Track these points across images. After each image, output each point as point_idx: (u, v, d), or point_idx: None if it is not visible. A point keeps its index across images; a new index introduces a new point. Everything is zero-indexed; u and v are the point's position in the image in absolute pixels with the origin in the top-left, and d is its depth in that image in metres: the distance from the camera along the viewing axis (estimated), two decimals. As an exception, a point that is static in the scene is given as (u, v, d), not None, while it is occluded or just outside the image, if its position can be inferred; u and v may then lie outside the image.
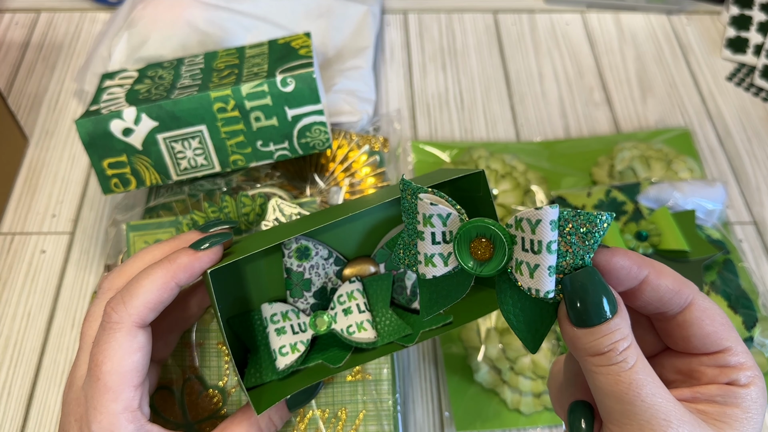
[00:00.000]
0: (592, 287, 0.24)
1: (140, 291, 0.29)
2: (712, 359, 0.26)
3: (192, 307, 0.36)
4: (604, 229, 0.23)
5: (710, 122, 0.62)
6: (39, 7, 0.69)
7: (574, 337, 0.24)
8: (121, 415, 0.28)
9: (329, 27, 0.63)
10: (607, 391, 0.23)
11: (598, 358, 0.24)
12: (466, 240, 0.26)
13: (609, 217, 0.24)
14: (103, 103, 0.46)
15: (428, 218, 0.26)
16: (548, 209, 0.23)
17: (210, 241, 0.31)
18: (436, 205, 0.26)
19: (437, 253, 0.26)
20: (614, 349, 0.23)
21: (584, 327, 0.24)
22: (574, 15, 0.71)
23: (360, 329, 0.33)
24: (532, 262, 0.24)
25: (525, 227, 0.24)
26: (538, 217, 0.24)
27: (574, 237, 0.24)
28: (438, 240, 0.26)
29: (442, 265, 0.26)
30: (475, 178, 0.30)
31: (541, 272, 0.24)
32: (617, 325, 0.24)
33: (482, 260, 0.26)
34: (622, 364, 0.23)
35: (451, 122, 0.62)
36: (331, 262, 0.34)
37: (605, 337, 0.24)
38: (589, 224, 0.23)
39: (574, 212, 0.24)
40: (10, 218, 0.54)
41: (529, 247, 0.24)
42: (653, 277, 0.25)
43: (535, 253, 0.24)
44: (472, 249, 0.26)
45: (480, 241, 0.25)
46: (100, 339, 0.29)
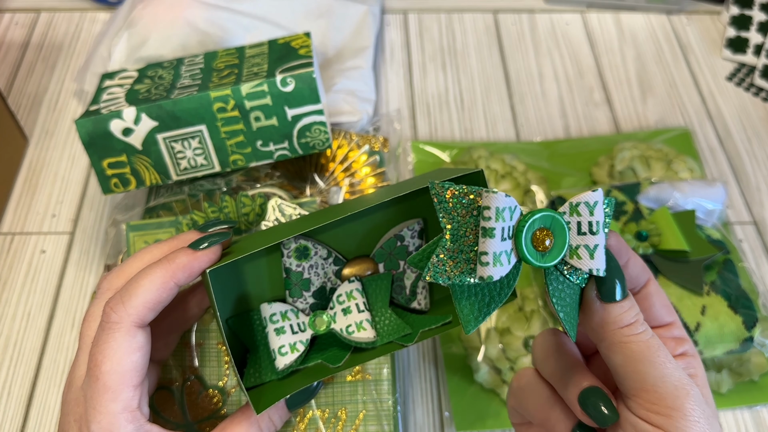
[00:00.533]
0: (615, 266, 0.27)
1: (139, 291, 0.29)
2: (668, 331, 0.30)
3: (192, 307, 0.36)
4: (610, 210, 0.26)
5: (710, 122, 0.62)
6: (39, 7, 0.69)
7: (605, 314, 0.27)
8: (120, 415, 0.28)
9: (329, 27, 0.63)
10: (639, 357, 0.26)
11: (628, 328, 0.27)
12: (529, 232, 0.25)
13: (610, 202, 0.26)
14: (103, 103, 0.46)
15: (500, 211, 0.24)
16: (600, 191, 0.25)
17: (209, 240, 0.31)
18: (509, 197, 0.25)
19: (505, 250, 0.25)
20: (639, 320, 0.27)
21: (613, 301, 0.27)
22: (574, 15, 0.71)
23: (359, 329, 0.33)
24: (591, 243, 0.26)
25: (582, 210, 0.26)
26: (596, 199, 0.25)
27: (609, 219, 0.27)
28: (506, 236, 0.25)
29: (507, 264, 0.25)
30: (475, 178, 0.30)
31: (600, 251, 0.26)
32: (633, 300, 0.27)
33: (544, 251, 0.26)
34: (645, 333, 0.27)
35: (451, 122, 0.62)
36: (330, 261, 0.34)
37: (631, 309, 0.27)
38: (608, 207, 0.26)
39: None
40: (10, 218, 0.54)
41: (587, 229, 0.26)
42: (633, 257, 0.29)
43: (593, 234, 0.25)
44: (534, 241, 0.26)
45: (541, 232, 0.26)
46: (99, 339, 0.29)
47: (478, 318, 0.26)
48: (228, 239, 0.32)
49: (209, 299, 0.29)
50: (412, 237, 0.35)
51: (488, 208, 0.25)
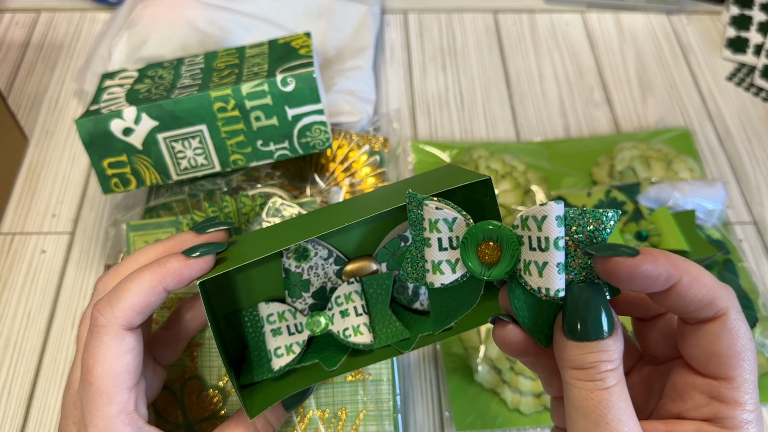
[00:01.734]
0: (594, 304, 0.24)
1: (127, 294, 0.29)
2: (707, 384, 0.24)
3: (202, 314, 0.36)
4: (611, 226, 0.23)
5: (710, 122, 0.62)
6: (39, 7, 0.69)
7: (563, 346, 0.24)
8: (116, 418, 0.28)
9: (329, 27, 0.63)
10: (577, 405, 0.23)
11: (578, 371, 0.23)
12: (473, 244, 0.25)
13: (615, 215, 0.23)
14: (103, 103, 0.46)
15: (434, 223, 0.26)
16: (553, 205, 0.23)
17: (201, 250, 0.30)
18: (441, 209, 0.25)
19: (444, 259, 0.26)
20: (596, 367, 0.23)
21: (576, 339, 0.24)
22: (574, 15, 0.71)
23: (356, 333, 0.33)
24: (540, 261, 0.24)
25: (531, 225, 0.24)
26: (544, 213, 0.23)
27: (581, 235, 0.24)
28: (445, 246, 0.26)
29: (450, 272, 0.26)
30: (483, 183, 0.30)
31: (550, 270, 0.24)
32: (607, 347, 0.23)
33: (490, 264, 0.25)
34: (599, 382, 0.23)
35: (451, 122, 0.62)
36: (330, 261, 0.34)
37: (591, 354, 0.23)
38: (596, 221, 0.23)
39: (580, 210, 0.23)
40: (10, 218, 0.54)
41: (537, 245, 0.24)
42: (685, 284, 0.23)
43: (542, 250, 0.24)
44: (479, 253, 0.25)
45: (487, 244, 0.25)
46: (89, 343, 0.28)
47: (444, 320, 0.27)
48: (223, 249, 0.31)
49: (204, 306, 0.29)
50: None
51: (423, 221, 0.26)
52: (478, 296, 0.27)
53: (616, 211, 0.23)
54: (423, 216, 0.26)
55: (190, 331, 0.36)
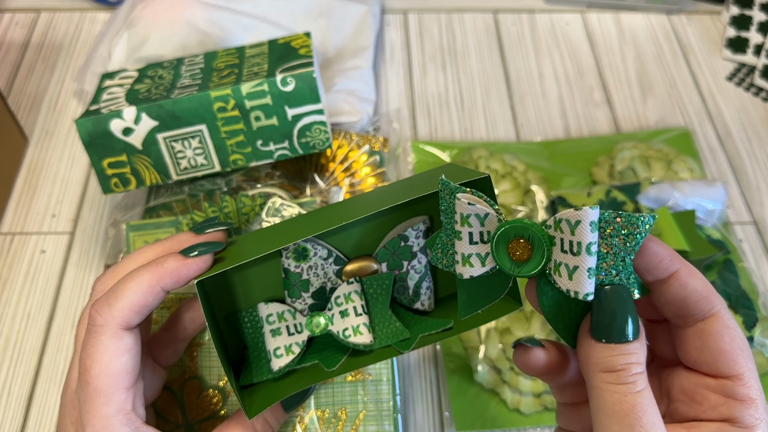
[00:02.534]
0: (623, 306, 0.24)
1: (125, 294, 0.29)
2: (720, 384, 0.24)
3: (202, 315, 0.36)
4: (646, 230, 0.23)
5: (710, 122, 0.62)
6: (39, 7, 0.69)
7: (590, 349, 0.24)
8: (114, 418, 0.28)
9: (329, 27, 0.63)
10: (609, 409, 0.23)
11: (609, 374, 0.23)
12: (503, 240, 0.25)
13: (651, 219, 0.23)
14: (103, 103, 0.46)
15: (466, 218, 0.26)
16: (588, 210, 0.23)
17: (199, 249, 0.30)
18: (474, 205, 0.25)
19: (475, 253, 0.26)
20: (627, 369, 0.23)
21: (604, 341, 0.24)
22: (574, 15, 0.71)
23: (356, 333, 0.33)
24: (571, 264, 0.24)
25: (564, 228, 0.24)
26: (578, 218, 0.23)
27: (615, 239, 0.24)
28: (476, 240, 0.26)
29: (480, 266, 0.26)
30: (482, 182, 0.30)
31: (580, 274, 0.24)
32: (636, 349, 0.23)
33: (520, 261, 0.25)
34: (630, 385, 0.23)
35: (451, 122, 0.62)
36: (330, 261, 0.34)
37: (622, 356, 0.23)
38: (631, 226, 0.23)
39: (616, 213, 0.23)
40: (10, 218, 0.54)
41: (569, 248, 0.24)
42: (684, 274, 0.24)
43: (574, 254, 0.24)
44: (510, 250, 0.25)
45: (518, 242, 0.25)
46: (86, 343, 0.28)
47: (470, 307, 0.28)
48: (221, 249, 0.31)
49: (202, 306, 0.29)
50: (416, 237, 0.35)
51: (455, 213, 0.26)
52: (506, 289, 0.27)
53: (652, 215, 0.23)
54: (455, 208, 0.26)
55: (189, 332, 0.36)
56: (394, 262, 0.35)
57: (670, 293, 0.25)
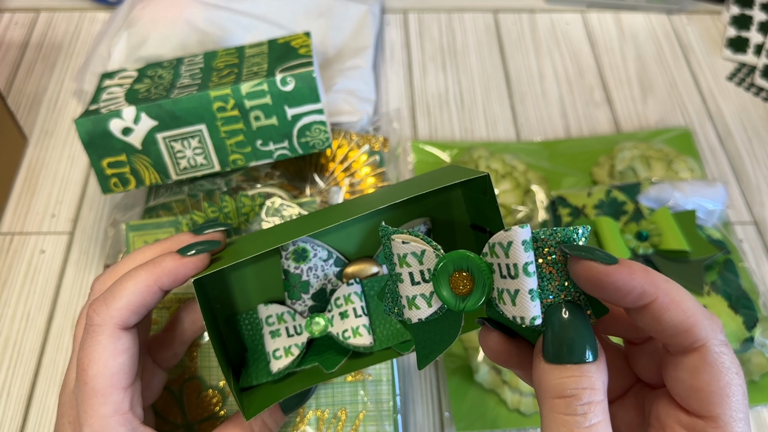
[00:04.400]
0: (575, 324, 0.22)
1: (123, 293, 0.29)
2: (692, 422, 0.22)
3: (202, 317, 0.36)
4: (584, 242, 0.23)
5: (711, 122, 0.62)
6: (38, 6, 0.69)
7: (542, 372, 0.22)
8: (111, 418, 0.28)
9: (329, 26, 0.62)
10: None
11: (558, 402, 0.21)
12: (444, 276, 0.24)
13: (585, 230, 0.22)
14: (102, 103, 0.46)
15: (403, 258, 0.25)
16: (517, 229, 0.22)
17: (196, 248, 0.30)
18: (408, 243, 0.25)
19: (419, 294, 0.25)
20: (577, 396, 0.21)
21: (556, 363, 0.22)
22: (575, 15, 0.71)
23: (356, 334, 0.33)
24: (512, 288, 0.23)
25: (498, 252, 0.23)
26: (509, 239, 0.22)
27: (555, 256, 0.23)
28: (417, 280, 0.25)
29: (426, 306, 0.25)
30: (482, 181, 0.30)
31: (522, 298, 0.22)
32: (589, 372, 0.21)
33: (464, 294, 0.24)
34: (579, 418, 0.21)
35: (451, 122, 0.62)
36: (330, 263, 0.34)
37: (573, 379, 0.21)
38: (567, 240, 0.22)
39: (550, 231, 0.23)
40: (10, 218, 0.54)
41: (507, 272, 0.23)
42: (659, 306, 0.21)
43: (512, 278, 0.23)
44: (452, 284, 0.24)
45: (460, 275, 0.24)
46: (84, 343, 0.28)
47: (429, 356, 0.26)
48: (219, 247, 0.31)
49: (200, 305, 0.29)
50: None
51: (390, 249, 0.25)
52: (459, 328, 0.26)
53: (585, 226, 0.23)
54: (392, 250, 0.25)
55: (190, 334, 0.36)
56: None
57: (642, 323, 0.22)
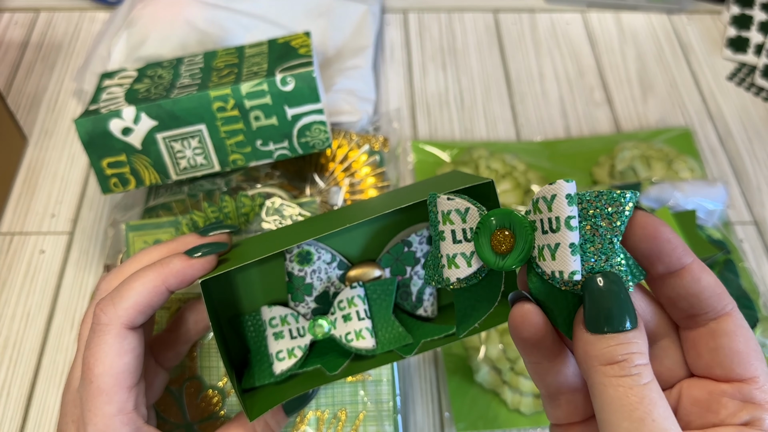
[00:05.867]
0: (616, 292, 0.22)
1: (130, 293, 0.29)
2: (736, 388, 0.23)
3: (205, 318, 0.36)
4: (630, 208, 0.22)
5: (711, 122, 0.62)
6: (38, 6, 0.69)
7: (587, 343, 0.22)
8: (115, 417, 0.28)
9: (329, 26, 0.62)
10: (616, 405, 0.21)
11: (611, 367, 0.22)
12: (486, 233, 0.24)
13: (633, 195, 0.22)
14: (102, 103, 0.46)
15: (447, 215, 0.25)
16: (563, 183, 0.22)
17: (203, 250, 0.30)
18: (453, 200, 0.25)
19: (459, 252, 0.25)
20: (629, 360, 0.21)
21: (600, 333, 0.22)
22: (575, 14, 0.71)
23: (358, 337, 0.33)
24: (552, 243, 0.22)
25: (542, 207, 0.23)
26: (553, 192, 0.22)
27: (600, 219, 0.22)
28: (459, 238, 0.25)
29: (466, 265, 0.25)
30: (485, 187, 0.30)
31: (563, 251, 0.22)
32: (635, 338, 0.22)
33: (504, 253, 0.24)
34: (636, 377, 0.21)
35: (452, 122, 0.61)
36: (334, 266, 0.34)
37: (621, 346, 0.22)
38: (614, 203, 0.22)
39: (596, 192, 0.22)
40: (9, 218, 0.54)
41: (548, 227, 0.23)
42: (697, 267, 0.23)
43: (554, 231, 0.22)
44: (493, 243, 0.24)
45: (502, 233, 0.24)
46: (90, 342, 0.29)
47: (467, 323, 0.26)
48: (225, 250, 0.31)
49: (206, 307, 0.29)
50: (420, 243, 0.34)
51: (436, 213, 0.25)
52: (498, 293, 0.25)
53: (634, 192, 0.22)
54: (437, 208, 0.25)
55: (192, 334, 0.36)
56: (397, 268, 0.35)
57: (682, 287, 0.23)
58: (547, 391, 0.26)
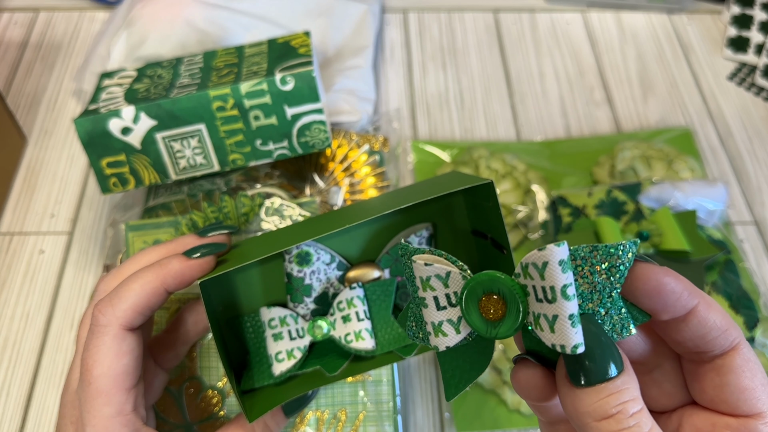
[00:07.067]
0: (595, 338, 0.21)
1: (129, 294, 0.29)
2: (741, 423, 0.22)
3: (205, 319, 0.36)
4: (629, 259, 0.21)
5: (711, 122, 0.62)
6: (38, 6, 0.69)
7: (575, 399, 0.21)
8: (114, 418, 0.28)
9: (329, 26, 0.62)
10: None
11: (606, 422, 0.20)
12: (473, 299, 0.22)
13: (633, 245, 0.21)
14: (101, 102, 0.46)
15: (426, 281, 0.23)
16: (553, 248, 0.20)
17: (201, 251, 0.30)
18: (431, 265, 0.22)
19: (445, 319, 0.23)
20: (623, 411, 0.20)
21: (586, 386, 0.21)
22: (575, 14, 0.71)
23: (358, 338, 0.33)
24: (549, 313, 0.21)
25: (533, 273, 0.21)
26: (544, 259, 0.20)
27: (597, 276, 0.21)
28: (443, 305, 0.23)
29: (454, 333, 0.23)
30: (485, 188, 0.30)
31: (562, 324, 0.20)
32: (625, 384, 0.21)
33: (495, 320, 0.22)
34: (635, 428, 0.20)
35: (452, 122, 0.61)
36: (333, 266, 0.34)
37: (612, 397, 0.20)
38: (611, 258, 0.21)
39: (590, 248, 0.21)
40: (9, 218, 0.54)
41: (543, 296, 0.21)
42: (703, 308, 0.22)
43: (549, 302, 0.20)
44: (482, 309, 0.22)
45: (490, 298, 0.22)
46: (89, 343, 0.28)
47: (459, 385, 0.25)
48: (224, 250, 0.31)
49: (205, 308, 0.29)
50: (420, 243, 0.34)
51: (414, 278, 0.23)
52: (491, 355, 0.24)
53: (634, 241, 0.21)
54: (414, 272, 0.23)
55: (192, 335, 0.36)
56: (396, 269, 0.35)
57: (688, 330, 0.22)
58: (546, 419, 0.25)
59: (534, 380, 0.23)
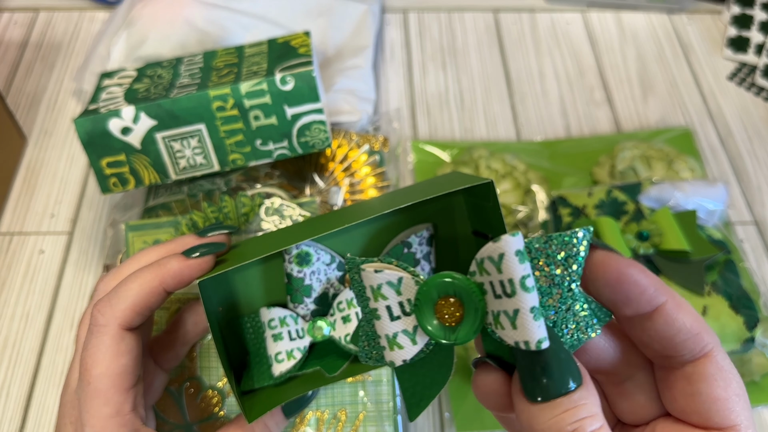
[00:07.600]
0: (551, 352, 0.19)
1: (127, 294, 0.29)
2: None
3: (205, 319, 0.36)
4: (585, 247, 0.20)
5: (711, 122, 0.62)
6: (37, 6, 0.69)
7: (530, 416, 0.20)
8: (113, 419, 0.28)
9: (329, 26, 0.62)
10: None
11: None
12: (428, 304, 0.21)
13: (586, 232, 0.20)
14: (101, 102, 0.46)
15: (377, 290, 0.21)
16: (508, 238, 0.19)
17: (201, 250, 0.30)
18: (381, 272, 0.21)
19: (400, 330, 0.21)
20: (580, 429, 0.19)
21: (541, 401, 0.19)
22: (575, 14, 0.71)
23: None
24: (510, 309, 0.19)
25: (489, 268, 0.20)
26: (500, 251, 0.19)
27: (554, 267, 0.20)
28: (396, 314, 0.21)
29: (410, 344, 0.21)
30: (485, 187, 0.30)
31: (524, 318, 0.19)
32: (582, 399, 0.19)
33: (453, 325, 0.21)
34: None
35: (452, 122, 0.61)
36: (333, 267, 0.34)
37: (568, 413, 0.19)
38: (566, 247, 0.20)
39: (545, 239, 0.20)
40: (9, 218, 0.54)
41: (501, 291, 0.19)
42: (671, 307, 0.20)
43: (509, 296, 0.19)
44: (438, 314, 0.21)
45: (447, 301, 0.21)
46: (88, 343, 0.28)
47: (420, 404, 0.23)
48: (223, 250, 0.31)
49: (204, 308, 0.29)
50: (420, 244, 0.34)
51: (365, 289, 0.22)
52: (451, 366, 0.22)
53: (587, 228, 0.20)
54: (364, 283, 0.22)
55: (192, 335, 0.36)
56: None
57: (653, 330, 0.21)
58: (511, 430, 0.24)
59: (495, 386, 0.22)
